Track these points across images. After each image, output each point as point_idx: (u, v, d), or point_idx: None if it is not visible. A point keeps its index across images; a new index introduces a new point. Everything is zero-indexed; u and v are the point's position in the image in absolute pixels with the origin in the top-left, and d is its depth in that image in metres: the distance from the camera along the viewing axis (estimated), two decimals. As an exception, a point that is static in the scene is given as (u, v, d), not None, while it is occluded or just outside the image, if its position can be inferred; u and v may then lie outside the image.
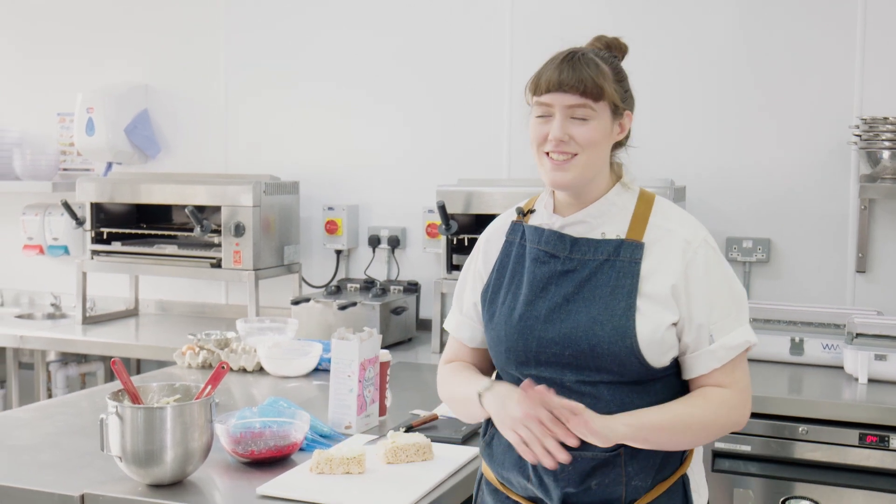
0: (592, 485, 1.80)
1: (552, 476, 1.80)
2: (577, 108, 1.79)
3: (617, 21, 3.88)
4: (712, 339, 1.80)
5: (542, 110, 1.83)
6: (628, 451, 1.78)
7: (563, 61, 1.81)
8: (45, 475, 2.16)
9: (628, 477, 1.79)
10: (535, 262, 1.88)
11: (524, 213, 1.98)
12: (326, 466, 2.14)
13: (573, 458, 1.76)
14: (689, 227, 1.86)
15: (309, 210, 4.38)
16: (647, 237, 1.84)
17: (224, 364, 2.18)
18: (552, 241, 1.87)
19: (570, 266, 1.85)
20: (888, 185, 3.40)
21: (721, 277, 1.84)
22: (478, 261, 2.02)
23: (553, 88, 1.79)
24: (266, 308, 4.23)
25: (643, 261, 1.81)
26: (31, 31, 4.94)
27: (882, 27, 3.58)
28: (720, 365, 1.81)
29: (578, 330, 1.79)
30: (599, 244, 1.84)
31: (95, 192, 4.25)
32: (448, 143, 4.18)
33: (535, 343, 1.82)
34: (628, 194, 1.90)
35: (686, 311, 1.79)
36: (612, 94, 1.82)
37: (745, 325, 1.84)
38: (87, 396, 2.97)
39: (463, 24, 4.14)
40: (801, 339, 3.30)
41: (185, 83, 4.64)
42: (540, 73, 1.83)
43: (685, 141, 3.83)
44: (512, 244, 1.96)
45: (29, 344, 4.13)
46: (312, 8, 4.37)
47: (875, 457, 2.83)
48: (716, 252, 1.85)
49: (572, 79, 1.78)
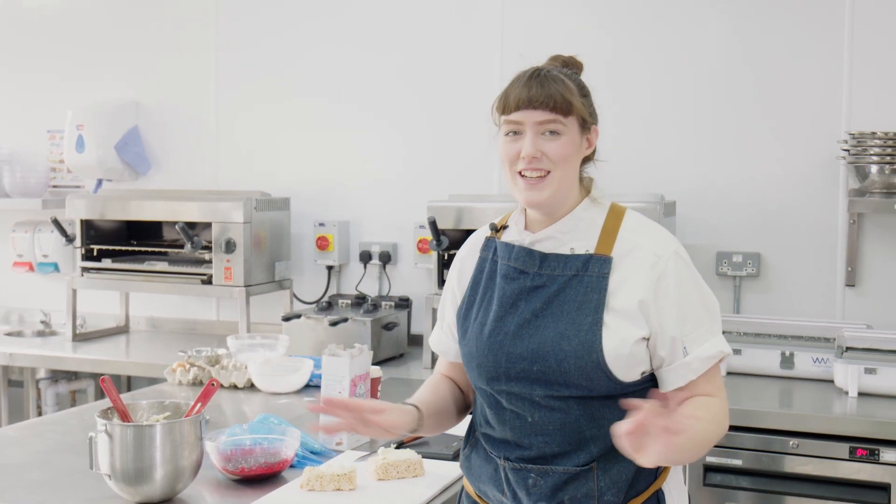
0: (565, 499, 1.80)
1: (525, 489, 1.81)
2: (548, 123, 1.81)
3: (608, 38, 3.90)
4: (686, 351, 1.80)
5: (511, 128, 1.85)
6: (601, 466, 1.78)
7: (531, 78, 1.82)
8: (35, 494, 2.15)
9: (600, 492, 1.79)
10: (504, 278, 1.89)
11: (497, 230, 1.99)
12: (317, 483, 2.13)
13: (545, 471, 1.78)
14: (658, 240, 1.86)
15: (300, 226, 4.38)
16: (616, 251, 1.84)
17: (214, 381, 2.18)
18: (521, 258, 1.88)
19: (539, 282, 1.85)
20: (877, 200, 3.41)
21: (692, 289, 1.83)
22: (453, 279, 2.04)
23: (523, 105, 1.81)
24: (257, 324, 4.22)
25: (611, 275, 1.81)
26: (21, 48, 4.94)
27: (870, 42, 3.60)
28: (696, 377, 1.81)
29: (546, 345, 1.79)
30: (568, 259, 1.85)
31: (85, 209, 4.24)
32: (439, 159, 4.19)
33: (504, 358, 1.83)
34: (597, 209, 1.90)
35: (657, 324, 1.79)
36: (581, 109, 1.83)
37: (719, 336, 1.84)
38: (77, 414, 2.96)
39: (454, 41, 4.15)
40: (791, 353, 3.31)
41: (175, 100, 4.64)
42: (507, 92, 1.85)
43: (675, 156, 3.84)
44: (485, 260, 1.97)
45: (18, 361, 4.12)
46: (304, 24, 4.38)
47: (865, 470, 2.83)
48: (686, 264, 1.85)
49: (541, 95, 1.80)
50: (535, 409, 1.80)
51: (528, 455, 1.82)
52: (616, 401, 1.79)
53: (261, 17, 4.46)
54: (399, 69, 4.24)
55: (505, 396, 1.84)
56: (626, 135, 3.81)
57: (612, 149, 2.05)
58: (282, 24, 4.41)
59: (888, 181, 3.40)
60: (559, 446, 1.80)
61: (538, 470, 1.81)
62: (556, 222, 1.87)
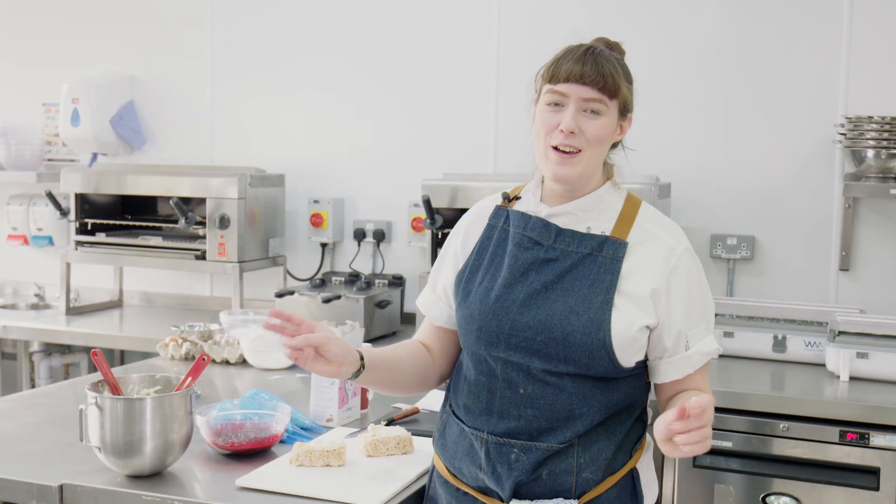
0: (543, 474, 1.82)
1: (506, 464, 1.83)
2: (592, 101, 1.82)
3: (603, 17, 3.88)
4: (688, 345, 1.85)
5: (555, 98, 1.84)
6: (581, 443, 1.81)
7: (586, 54, 1.83)
8: (25, 465, 2.15)
9: (579, 468, 1.81)
10: (518, 246, 1.90)
11: (510, 199, 1.99)
12: (306, 459, 2.14)
13: (529, 447, 1.80)
14: (673, 234, 1.90)
15: (294, 203, 4.37)
16: (632, 237, 1.87)
17: (205, 356, 2.17)
18: (538, 228, 1.89)
19: (552, 255, 1.86)
20: (872, 184, 3.41)
21: (699, 287, 1.89)
22: (457, 242, 2.04)
23: (574, 79, 1.81)
24: (250, 300, 4.23)
25: (625, 260, 1.84)
26: (17, 21, 4.91)
27: (867, 26, 3.59)
28: (693, 370, 1.86)
29: (554, 317, 1.80)
30: (584, 237, 1.87)
31: (80, 182, 4.23)
32: (434, 138, 4.18)
33: (508, 325, 1.84)
34: (617, 194, 1.93)
35: (665, 316, 1.83)
36: (626, 94, 1.85)
37: (713, 334, 1.91)
38: (70, 387, 2.96)
39: (450, 18, 4.13)
40: (783, 337, 3.32)
41: (171, 74, 4.62)
42: (559, 63, 1.84)
43: (670, 138, 3.84)
44: (494, 228, 1.97)
45: (12, 334, 4.11)
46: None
47: (855, 454, 2.84)
48: (696, 261, 1.90)
49: (594, 72, 1.80)
50: (530, 381, 1.82)
51: (513, 429, 1.83)
52: (609, 383, 1.82)
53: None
54: (395, 46, 4.22)
55: (501, 364, 1.85)
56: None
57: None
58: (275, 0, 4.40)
59: (884, 165, 3.40)
60: (547, 421, 1.81)
61: (521, 445, 1.82)
62: (574, 199, 1.89)
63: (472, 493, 1.90)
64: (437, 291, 2.06)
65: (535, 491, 1.83)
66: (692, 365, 1.85)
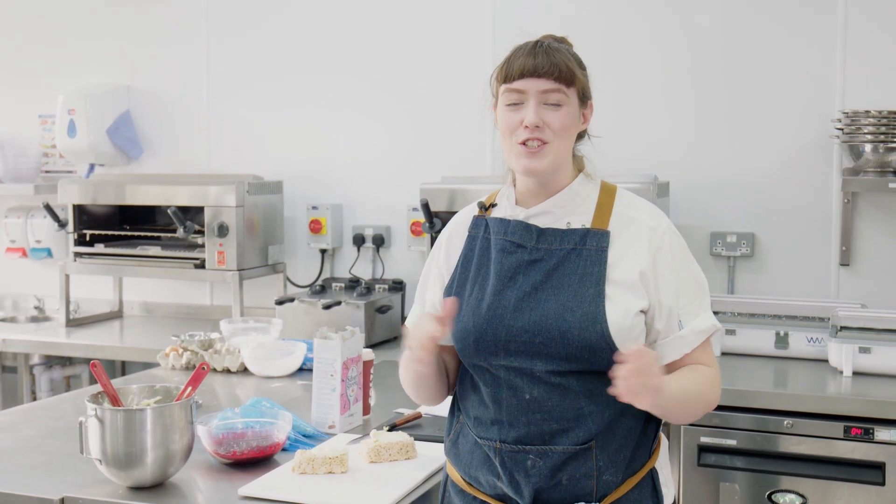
0: (563, 479, 1.80)
1: (523, 472, 1.81)
2: (551, 93, 1.82)
3: (601, 15, 3.88)
4: (681, 324, 1.84)
5: (513, 97, 1.85)
6: (599, 444, 1.79)
7: (535, 48, 1.84)
8: (26, 479, 2.15)
9: (599, 471, 1.80)
10: (501, 252, 1.89)
11: (486, 208, 1.99)
12: (309, 466, 2.13)
13: (544, 451, 1.78)
14: (652, 214, 1.90)
15: (293, 209, 4.37)
16: (613, 225, 1.87)
17: (204, 365, 2.17)
18: (518, 232, 1.89)
19: (537, 256, 1.86)
20: (871, 179, 3.40)
21: (686, 264, 1.88)
22: (440, 257, 2.02)
23: (528, 74, 1.82)
24: (250, 308, 4.21)
25: (610, 248, 1.84)
26: (12, 32, 4.91)
27: (863, 21, 3.58)
28: (690, 350, 1.84)
29: (548, 317, 1.79)
30: (566, 234, 1.86)
31: (78, 193, 4.22)
32: (431, 142, 4.17)
33: (504, 332, 1.82)
34: (591, 184, 1.93)
35: (655, 296, 1.82)
36: (582, 81, 1.86)
37: (709, 311, 1.88)
38: (70, 399, 2.94)
39: (445, 23, 4.13)
40: (785, 333, 3.31)
41: (167, 83, 4.62)
42: (510, 61, 1.85)
43: (669, 136, 3.83)
44: (475, 238, 1.96)
45: (12, 347, 4.11)
46: (293, 7, 4.35)
47: (860, 449, 2.83)
48: (679, 239, 1.89)
49: (547, 63, 1.81)
50: (534, 384, 1.80)
51: (525, 435, 1.81)
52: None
53: (252, 1, 4.43)
54: (391, 51, 4.21)
55: (503, 372, 1.83)
56: (620, 115, 3.80)
57: (606, 129, 2.06)
58: (272, 7, 4.38)
59: (882, 160, 3.39)
60: (557, 423, 1.79)
61: (537, 451, 1.80)
62: (549, 197, 1.89)
63: (491, 501, 1.88)
64: (425, 309, 2.03)
65: (555, 497, 1.81)
66: (689, 344, 1.84)
